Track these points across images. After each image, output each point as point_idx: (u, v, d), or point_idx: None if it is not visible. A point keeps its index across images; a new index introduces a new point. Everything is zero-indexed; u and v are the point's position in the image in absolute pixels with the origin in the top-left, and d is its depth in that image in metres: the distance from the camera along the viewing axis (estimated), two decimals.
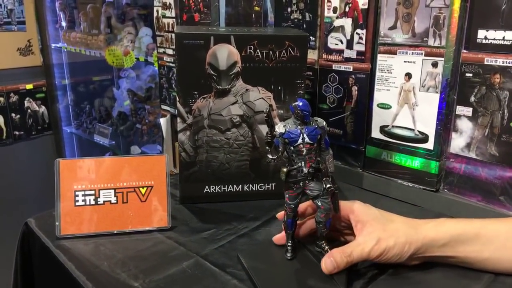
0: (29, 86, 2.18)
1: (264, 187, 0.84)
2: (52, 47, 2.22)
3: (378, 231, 0.59)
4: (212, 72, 0.76)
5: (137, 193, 0.72)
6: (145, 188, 0.72)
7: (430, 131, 0.82)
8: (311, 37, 0.96)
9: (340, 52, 0.92)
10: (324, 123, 0.60)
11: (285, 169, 0.59)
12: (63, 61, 2.29)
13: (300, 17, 0.97)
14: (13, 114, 2.13)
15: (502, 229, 0.58)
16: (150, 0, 1.47)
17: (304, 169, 0.59)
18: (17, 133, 2.15)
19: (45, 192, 2.10)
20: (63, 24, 2.18)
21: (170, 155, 1.40)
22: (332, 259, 0.57)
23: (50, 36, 2.20)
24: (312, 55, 0.97)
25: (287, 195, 0.61)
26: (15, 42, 2.10)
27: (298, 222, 0.64)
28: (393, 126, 0.87)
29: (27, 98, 2.18)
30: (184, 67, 0.77)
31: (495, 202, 0.77)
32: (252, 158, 0.82)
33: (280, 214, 0.65)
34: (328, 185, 0.59)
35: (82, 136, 2.26)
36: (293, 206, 0.61)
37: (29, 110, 2.19)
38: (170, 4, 1.32)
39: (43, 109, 2.25)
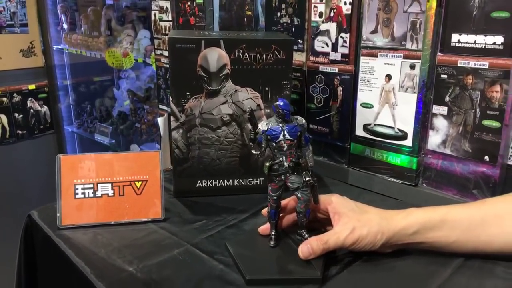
0: (32, 87, 2.24)
1: (253, 181, 0.89)
2: (54, 48, 2.27)
3: (353, 221, 0.64)
4: (203, 74, 0.82)
5: (133, 187, 0.77)
6: (140, 182, 0.78)
7: (409, 129, 0.87)
8: (299, 40, 1.01)
9: (326, 54, 0.97)
10: (304, 121, 0.65)
11: (267, 164, 0.64)
12: (64, 62, 2.34)
13: (289, 21, 1.02)
14: (16, 114, 2.19)
15: (466, 214, 0.63)
16: (148, 3, 1.52)
17: (285, 163, 0.64)
18: (20, 132, 2.21)
19: (46, 189, 2.15)
20: (65, 26, 2.24)
21: (168, 152, 1.45)
22: (309, 246, 0.62)
23: (52, 38, 2.26)
24: (300, 57, 1.02)
25: (270, 188, 0.66)
26: (18, 44, 2.16)
27: (281, 215, 0.70)
28: (375, 125, 0.93)
29: (30, 98, 2.24)
30: (177, 69, 0.82)
31: (469, 195, 0.82)
32: (241, 155, 0.87)
33: (264, 211, 0.70)
34: (308, 178, 0.64)
35: (83, 135, 2.32)
36: (276, 197, 0.66)
37: (31, 110, 2.25)
38: (167, 8, 1.37)
39: (45, 109, 2.31)
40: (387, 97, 0.89)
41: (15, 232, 0.96)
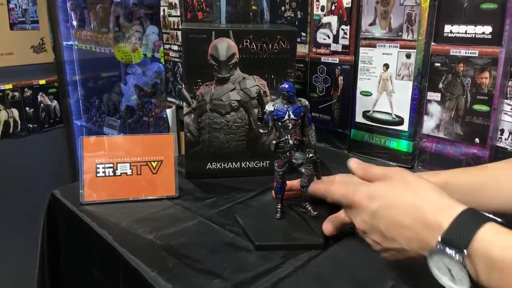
0: (42, 82, 2.31)
1: (259, 164, 0.95)
2: (64, 45, 2.34)
3: None
4: (214, 62, 0.88)
5: (149, 167, 0.84)
6: (156, 162, 0.84)
7: (405, 115, 0.93)
8: (302, 32, 1.07)
9: (328, 46, 1.03)
10: (307, 102, 0.71)
11: (274, 141, 0.71)
12: (73, 58, 2.40)
13: (293, 15, 1.09)
14: (27, 108, 2.26)
15: (467, 178, 0.67)
16: (156, 0, 1.59)
17: (290, 141, 0.70)
18: (30, 126, 2.28)
19: (55, 181, 2.23)
20: (74, 23, 2.30)
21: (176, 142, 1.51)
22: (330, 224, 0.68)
23: (61, 34, 2.32)
24: (303, 49, 1.08)
25: (276, 164, 0.72)
26: (29, 40, 2.23)
27: (287, 193, 0.76)
28: (373, 111, 0.99)
29: (40, 93, 2.31)
30: (189, 58, 0.88)
31: None
32: (249, 138, 0.94)
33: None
34: (311, 155, 0.70)
35: (92, 128, 2.38)
36: (282, 173, 0.73)
37: (42, 104, 2.32)
38: (175, 3, 1.44)
39: (55, 103, 2.38)
40: (384, 85, 0.95)
41: (27, 221, 1.02)
